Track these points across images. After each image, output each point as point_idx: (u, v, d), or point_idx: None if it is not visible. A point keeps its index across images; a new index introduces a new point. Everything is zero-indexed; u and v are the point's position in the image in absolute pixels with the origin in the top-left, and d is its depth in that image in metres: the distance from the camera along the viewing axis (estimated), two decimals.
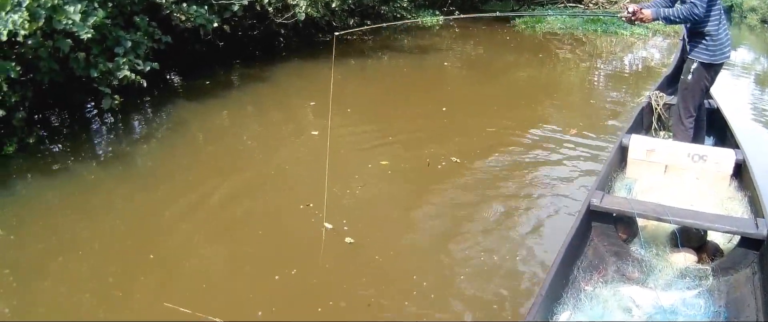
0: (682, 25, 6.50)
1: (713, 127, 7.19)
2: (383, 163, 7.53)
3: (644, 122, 7.36)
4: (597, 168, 7.22)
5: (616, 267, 4.77)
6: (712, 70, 6.23)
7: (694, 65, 6.20)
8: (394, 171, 7.41)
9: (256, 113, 9.87)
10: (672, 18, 6.00)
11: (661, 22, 6.22)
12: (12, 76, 7.14)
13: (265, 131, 8.98)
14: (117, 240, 5.82)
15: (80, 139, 8.42)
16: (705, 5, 5.81)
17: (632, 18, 6.38)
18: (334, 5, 13.33)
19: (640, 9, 6.27)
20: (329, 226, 5.94)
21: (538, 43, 17.43)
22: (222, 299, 4.96)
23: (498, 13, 17.28)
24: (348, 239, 5.73)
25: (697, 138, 6.62)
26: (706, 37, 6.04)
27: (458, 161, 7.62)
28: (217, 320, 4.66)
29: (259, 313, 4.80)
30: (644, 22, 6.32)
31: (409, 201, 6.74)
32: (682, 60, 6.66)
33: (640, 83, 12.48)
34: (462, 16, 17.19)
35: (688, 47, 6.32)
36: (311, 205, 6.28)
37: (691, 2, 5.79)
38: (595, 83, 13.35)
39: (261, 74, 12.16)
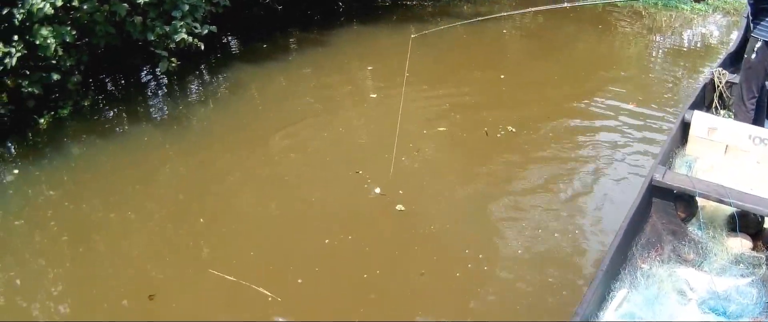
0: (746, 2, 6.35)
1: None
2: (440, 129, 7.52)
3: (706, 99, 7.23)
4: (654, 142, 7.23)
5: (673, 247, 4.71)
6: None
7: (759, 44, 5.99)
8: (450, 138, 7.40)
9: (315, 77, 9.82)
10: None
11: None
12: (67, 40, 7.20)
13: (323, 95, 8.93)
14: (169, 202, 5.91)
15: (135, 102, 8.53)
16: None
17: None
18: None
19: None
20: (378, 191, 6.03)
21: (597, 15, 17.23)
22: (267, 263, 5.05)
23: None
24: (399, 207, 5.75)
25: (758, 120, 6.48)
26: None
27: (516, 130, 7.57)
28: (261, 290, 4.69)
29: (299, 281, 4.87)
30: None
31: (464, 170, 6.74)
32: (746, 38, 6.48)
33: (699, 61, 12.31)
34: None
35: (751, 25, 6.14)
36: (360, 172, 6.32)
37: None
38: (654, 58, 13.17)
39: (320, 38, 12.08)
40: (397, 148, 6.82)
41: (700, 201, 4.96)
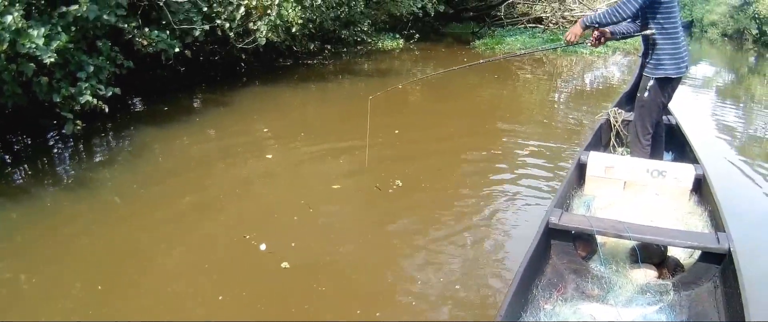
0: (641, 42, 6.54)
1: (672, 142, 7.26)
2: (334, 187, 7.46)
3: (603, 139, 7.41)
4: (555, 185, 7.29)
5: (576, 285, 4.77)
6: (668, 86, 6.24)
7: (651, 82, 6.21)
8: (344, 195, 7.34)
9: (216, 138, 9.88)
10: (601, 20, 5.99)
11: (592, 27, 6.22)
12: None
13: (224, 155, 8.93)
14: (70, 266, 5.75)
15: (42, 164, 8.41)
16: (637, 4, 5.77)
17: (589, 42, 6.42)
18: (294, 30, 13.31)
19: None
20: (264, 247, 5.89)
21: (499, 64, 17.53)
22: None
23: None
24: (284, 264, 5.60)
25: (655, 154, 6.66)
26: (663, 53, 6.05)
27: (409, 184, 7.56)
28: None
29: None
30: (577, 33, 6.29)
31: (357, 226, 6.64)
32: (641, 76, 6.64)
33: (600, 101, 12.59)
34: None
35: (644, 63, 6.37)
36: (247, 236, 6.13)
37: (623, 1, 5.79)
38: (555, 102, 13.46)
39: (222, 99, 12.22)
40: (291, 207, 6.86)
41: (600, 238, 5.06)
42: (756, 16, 47.18)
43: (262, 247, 5.88)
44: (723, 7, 57.81)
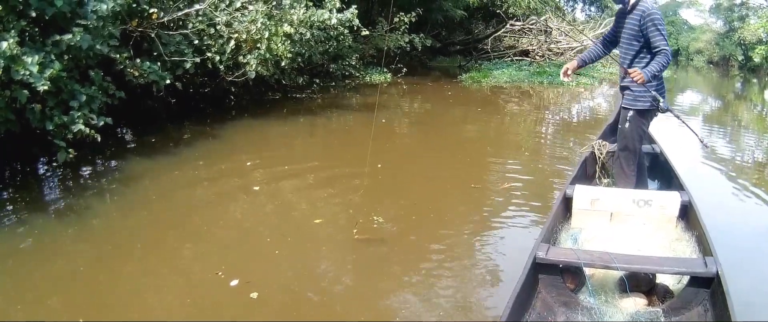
0: (619, 74, 6.68)
1: (657, 171, 7.37)
2: (316, 221, 7.38)
3: (588, 171, 7.48)
4: (542, 219, 7.21)
5: (566, 317, 4.78)
6: (647, 116, 6.37)
7: (630, 114, 6.35)
8: (324, 229, 7.25)
9: (204, 170, 9.84)
10: (659, 72, 6.03)
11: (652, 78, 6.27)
12: None
13: (210, 188, 8.86)
14: (54, 296, 5.69)
15: (33, 192, 8.42)
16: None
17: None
18: (283, 64, 13.41)
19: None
20: (236, 283, 5.72)
21: (484, 98, 17.63)
22: None
23: None
24: (253, 295, 5.47)
25: (640, 183, 6.73)
26: (641, 86, 6.14)
27: (391, 218, 7.42)
28: None
29: None
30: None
31: (335, 260, 6.49)
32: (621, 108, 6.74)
33: (587, 132, 12.64)
34: None
35: (622, 96, 6.49)
36: (220, 274, 5.93)
37: (663, 50, 5.94)
38: (541, 135, 13.55)
39: (211, 131, 12.26)
40: (271, 239, 6.84)
41: (588, 270, 5.09)
42: (741, 42, 47.67)
43: (233, 283, 5.73)
44: (708, 34, 58.28)
